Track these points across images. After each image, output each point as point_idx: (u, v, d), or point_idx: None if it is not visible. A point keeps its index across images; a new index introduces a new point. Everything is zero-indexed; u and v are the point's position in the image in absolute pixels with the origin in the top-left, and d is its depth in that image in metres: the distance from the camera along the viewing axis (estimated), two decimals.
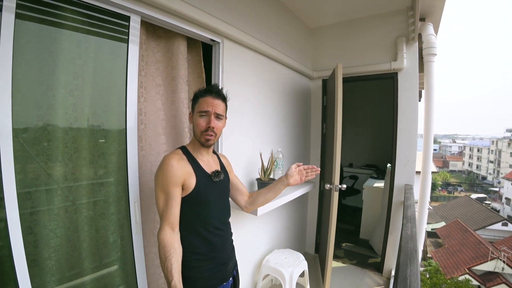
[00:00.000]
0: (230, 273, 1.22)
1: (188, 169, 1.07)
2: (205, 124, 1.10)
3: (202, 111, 1.10)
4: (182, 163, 1.06)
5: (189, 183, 1.05)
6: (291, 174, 1.30)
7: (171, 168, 1.02)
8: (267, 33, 2.13)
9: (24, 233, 0.98)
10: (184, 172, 1.05)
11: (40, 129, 1.02)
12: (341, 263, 2.93)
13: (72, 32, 1.08)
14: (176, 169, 1.02)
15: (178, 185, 1.03)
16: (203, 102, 1.11)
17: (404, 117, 2.47)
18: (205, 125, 1.10)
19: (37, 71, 1.00)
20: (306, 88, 2.91)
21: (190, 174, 1.06)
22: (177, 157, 1.06)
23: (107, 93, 1.22)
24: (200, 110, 1.10)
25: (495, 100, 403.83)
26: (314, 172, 1.34)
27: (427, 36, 2.33)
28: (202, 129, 1.10)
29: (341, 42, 2.78)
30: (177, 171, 1.02)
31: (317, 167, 1.33)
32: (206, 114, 1.10)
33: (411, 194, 2.18)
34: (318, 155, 2.98)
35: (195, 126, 1.12)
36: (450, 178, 38.87)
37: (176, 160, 1.04)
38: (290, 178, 1.30)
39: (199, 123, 1.10)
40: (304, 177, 1.32)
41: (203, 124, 1.10)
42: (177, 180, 1.02)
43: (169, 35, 1.49)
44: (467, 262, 11.33)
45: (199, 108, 1.11)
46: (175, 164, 1.03)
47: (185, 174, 1.05)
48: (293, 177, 1.30)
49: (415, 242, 1.21)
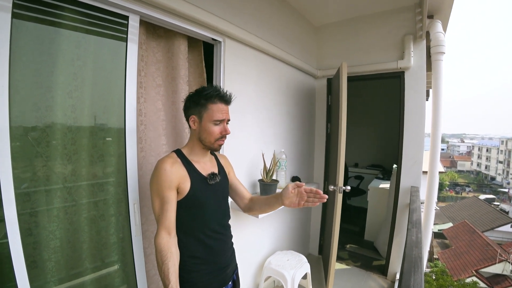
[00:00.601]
0: (230, 277, 1.20)
1: (182, 172, 1.05)
2: (220, 132, 1.09)
3: (217, 120, 1.08)
4: (176, 167, 1.04)
5: (184, 187, 1.04)
6: (286, 196, 1.07)
7: (164, 172, 1.00)
8: (270, 32, 2.09)
9: (23, 235, 0.98)
10: (178, 175, 1.03)
11: (38, 131, 1.01)
12: (345, 265, 2.89)
13: (71, 32, 1.07)
14: (170, 172, 1.01)
15: (173, 189, 1.01)
16: (217, 111, 1.07)
17: (411, 117, 2.41)
18: (220, 132, 1.10)
19: (35, 73, 0.99)
20: (311, 87, 2.86)
21: (184, 178, 1.05)
22: (171, 161, 1.04)
23: (106, 94, 1.21)
24: (216, 120, 1.07)
25: (505, 98, 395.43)
26: (318, 200, 1.03)
27: (435, 33, 2.27)
28: (217, 137, 1.09)
29: (346, 40, 2.73)
30: (170, 175, 1.01)
31: (323, 194, 1.02)
32: (220, 122, 1.09)
33: (417, 197, 2.13)
34: (323, 155, 2.94)
35: (207, 134, 1.08)
36: (458, 178, 38.26)
37: (169, 163, 1.03)
38: (285, 200, 1.08)
39: (214, 131, 1.08)
40: (304, 201, 1.05)
41: (217, 132, 1.09)
42: (171, 184, 1.01)
43: (169, 35, 1.47)
44: (475, 264, 11.14)
45: (212, 116, 1.07)
46: (168, 168, 1.01)
47: (179, 178, 1.03)
48: (289, 199, 1.07)
49: (420, 249, 1.17)
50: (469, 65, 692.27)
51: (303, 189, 1.05)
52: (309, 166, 2.95)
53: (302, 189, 1.05)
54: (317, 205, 1.14)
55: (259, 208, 1.25)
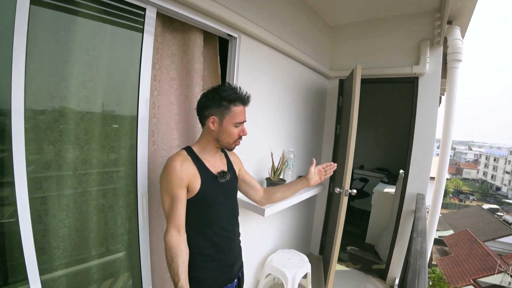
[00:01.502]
0: (236, 274, 1.21)
1: (192, 170, 1.05)
2: (239, 133, 1.12)
3: (239, 123, 1.09)
4: (186, 165, 1.04)
5: (194, 185, 1.04)
6: (311, 177, 1.30)
7: (174, 171, 1.00)
8: (285, 29, 2.07)
9: (34, 222, 0.99)
10: (189, 174, 1.03)
11: (52, 120, 1.02)
12: (345, 266, 2.90)
13: (87, 21, 1.06)
14: (180, 171, 1.01)
15: (183, 187, 1.02)
16: (239, 113, 1.09)
17: (422, 124, 2.37)
18: (239, 134, 1.12)
19: (51, 61, 0.99)
20: (322, 87, 2.84)
21: (194, 176, 1.05)
22: (181, 159, 1.04)
23: (120, 85, 1.21)
24: (237, 122, 1.09)
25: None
26: (332, 169, 1.34)
27: (453, 40, 2.22)
28: (236, 138, 1.12)
29: (361, 42, 2.68)
30: (180, 173, 1.00)
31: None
32: (241, 124, 1.11)
33: (423, 205, 2.11)
34: (330, 156, 2.92)
35: (227, 135, 1.09)
36: (462, 186, 37.84)
37: (179, 162, 1.02)
38: (311, 180, 1.30)
39: (234, 133, 1.10)
40: (324, 175, 1.33)
41: (237, 133, 1.11)
42: (181, 183, 1.01)
43: (185, 28, 1.46)
44: (473, 273, 11.08)
45: (235, 119, 1.08)
46: (178, 166, 1.01)
47: (190, 176, 1.03)
48: (314, 179, 1.31)
49: (425, 259, 1.17)
50: (484, 72, 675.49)
51: (321, 166, 1.34)
52: None
53: (320, 167, 1.34)
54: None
55: (282, 196, 1.35)
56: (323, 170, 1.33)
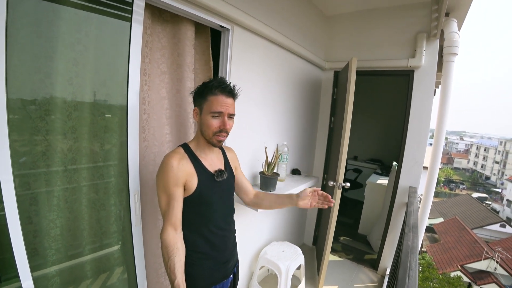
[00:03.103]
0: (231, 271, 1.22)
1: (189, 169, 1.03)
2: (218, 125, 1.04)
3: (215, 112, 1.02)
4: (183, 163, 1.02)
5: (191, 184, 1.02)
6: (303, 197, 1.18)
7: (171, 169, 0.98)
8: (280, 20, 2.01)
9: (23, 223, 0.97)
10: (185, 172, 1.01)
11: (37, 119, 0.98)
12: (338, 257, 2.96)
13: (70, 12, 1.00)
14: (177, 169, 0.99)
15: (180, 186, 1.00)
16: (216, 102, 1.02)
17: (416, 117, 2.38)
18: (218, 126, 1.04)
19: (34, 57, 0.94)
20: (317, 79, 2.80)
21: (191, 175, 1.03)
22: (178, 157, 1.02)
23: (108, 80, 1.17)
24: (213, 111, 1.02)
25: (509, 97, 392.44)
26: (326, 203, 1.17)
27: (449, 33, 2.19)
28: (215, 130, 1.04)
29: (357, 33, 2.63)
30: (177, 172, 0.99)
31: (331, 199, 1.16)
32: (219, 115, 1.04)
33: (415, 199, 2.14)
34: (324, 149, 2.93)
35: (206, 127, 1.04)
36: (453, 175, 38.71)
37: (176, 160, 1.00)
38: (301, 201, 1.18)
39: (212, 124, 1.03)
40: (315, 203, 1.19)
41: (216, 125, 1.03)
42: (178, 181, 0.99)
43: (176, 20, 1.40)
44: (461, 259, 11.50)
45: (210, 108, 1.02)
46: (175, 165, 0.99)
47: (186, 175, 1.01)
48: (304, 201, 1.18)
49: (416, 254, 1.18)
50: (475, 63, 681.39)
51: (317, 192, 1.18)
52: (309, 159, 2.94)
53: (317, 192, 1.18)
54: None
55: (268, 205, 1.30)
56: (317, 197, 1.18)
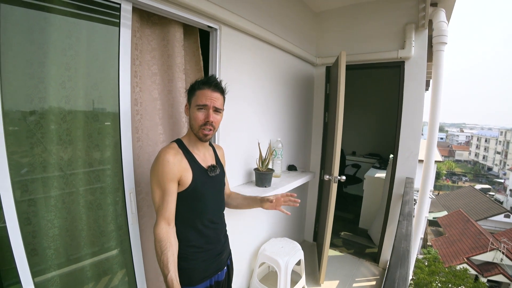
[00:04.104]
0: (225, 263, 1.25)
1: (184, 164, 1.05)
2: (203, 118, 1.06)
3: (200, 105, 1.05)
4: (178, 158, 1.04)
5: (186, 179, 1.05)
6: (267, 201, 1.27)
7: (167, 164, 1.00)
8: (268, 18, 2.05)
9: (22, 224, 0.99)
10: (180, 167, 1.03)
11: (32, 123, 1.01)
12: (339, 252, 2.97)
13: (61, 19, 1.04)
14: (172, 164, 1.01)
15: (174, 181, 1.02)
16: (201, 95, 1.06)
17: (409, 108, 2.40)
18: (203, 119, 1.06)
19: (26, 63, 0.98)
20: (309, 75, 2.83)
21: (186, 170, 1.05)
22: (173, 152, 1.04)
23: (100, 83, 1.20)
24: (198, 104, 1.05)
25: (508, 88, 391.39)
26: (293, 202, 1.25)
27: (438, 23, 2.21)
28: (200, 123, 1.06)
29: (346, 27, 2.67)
30: (173, 167, 1.01)
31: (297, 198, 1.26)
32: (204, 108, 1.06)
33: (411, 189, 2.16)
34: (320, 144, 2.95)
35: (192, 120, 1.08)
36: (455, 167, 38.62)
37: (172, 155, 1.02)
38: (265, 205, 1.27)
39: (197, 117, 1.06)
40: (280, 205, 1.27)
41: (201, 118, 1.06)
42: (173, 176, 1.01)
43: (164, 22, 1.43)
44: (466, 251, 11.44)
45: (196, 101, 1.06)
46: (171, 160, 1.01)
47: (181, 170, 1.03)
48: (266, 205, 1.27)
49: (409, 242, 1.20)
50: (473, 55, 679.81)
51: (282, 197, 1.27)
52: (305, 155, 2.96)
53: (282, 197, 1.27)
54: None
55: (236, 205, 1.37)
56: (282, 200, 1.26)
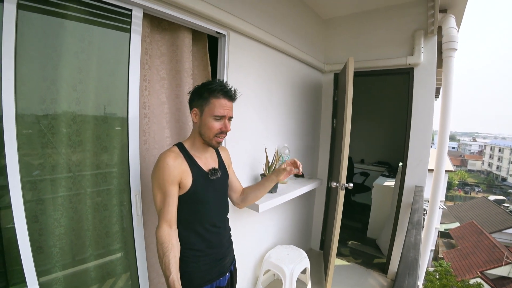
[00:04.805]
0: (228, 268, 1.23)
1: (184, 167, 1.06)
2: (219, 127, 1.07)
3: (218, 116, 1.06)
4: (179, 161, 1.05)
5: (186, 182, 1.05)
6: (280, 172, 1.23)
7: (167, 167, 1.01)
8: (276, 25, 2.06)
9: (29, 221, 1.01)
10: (180, 170, 1.04)
11: (44, 123, 1.04)
12: (346, 261, 2.90)
13: (74, 24, 1.08)
14: (173, 167, 1.01)
15: (175, 184, 1.03)
16: (219, 106, 1.05)
17: (418, 115, 2.36)
18: (219, 128, 1.07)
19: (40, 66, 1.01)
20: (317, 82, 2.83)
21: (186, 173, 1.06)
22: (173, 155, 1.05)
23: (110, 86, 1.23)
24: (216, 115, 1.05)
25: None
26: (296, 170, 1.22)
27: (447, 29, 2.19)
28: (216, 132, 1.07)
29: (355, 34, 2.67)
30: (173, 170, 1.01)
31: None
32: (221, 118, 1.07)
33: (420, 197, 2.10)
34: (327, 151, 2.92)
35: (207, 128, 1.07)
36: (467, 177, 37.54)
37: (172, 158, 1.03)
38: (280, 176, 1.23)
39: (213, 126, 1.06)
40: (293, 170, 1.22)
41: (217, 127, 1.07)
42: (174, 179, 1.02)
43: (173, 28, 1.47)
44: (480, 265, 11.00)
45: (213, 111, 1.05)
46: (171, 163, 1.02)
47: (181, 173, 1.04)
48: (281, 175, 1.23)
49: (418, 250, 1.16)
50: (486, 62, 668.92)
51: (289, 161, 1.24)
52: (313, 162, 2.93)
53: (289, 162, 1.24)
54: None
55: (254, 195, 1.31)
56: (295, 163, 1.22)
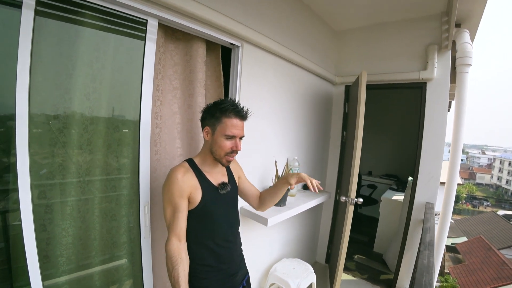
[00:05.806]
0: (240, 283, 1.21)
1: (193, 182, 1.06)
2: (231, 146, 1.08)
3: (229, 135, 1.06)
4: (188, 176, 1.05)
5: (195, 197, 1.05)
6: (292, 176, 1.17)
7: (176, 181, 1.02)
8: (289, 36, 2.06)
9: (37, 230, 1.00)
10: (190, 185, 1.04)
11: (56, 131, 1.04)
12: (352, 276, 2.83)
13: (89, 32, 1.08)
14: (182, 182, 1.02)
15: (184, 198, 1.03)
16: (231, 125, 1.06)
17: (430, 130, 2.31)
18: (230, 147, 1.08)
19: (55, 74, 1.02)
20: (328, 94, 2.81)
21: (195, 188, 1.06)
22: (183, 170, 1.06)
23: (123, 96, 1.23)
24: (228, 134, 1.06)
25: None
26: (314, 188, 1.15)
27: (462, 44, 2.17)
28: (227, 151, 1.08)
29: (367, 47, 2.65)
30: (182, 184, 1.02)
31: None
32: (232, 137, 1.07)
33: (432, 215, 2.04)
34: (336, 164, 2.88)
35: (218, 147, 1.08)
36: (476, 191, 36.77)
37: (181, 173, 1.04)
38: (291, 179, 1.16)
39: (225, 146, 1.07)
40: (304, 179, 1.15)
41: (229, 146, 1.08)
42: (183, 193, 1.02)
43: (187, 38, 1.47)
44: (488, 282, 10.66)
45: (225, 130, 1.06)
46: (180, 177, 1.02)
47: (191, 188, 1.04)
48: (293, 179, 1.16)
49: (431, 274, 1.12)
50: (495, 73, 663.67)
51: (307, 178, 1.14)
52: (321, 174, 2.90)
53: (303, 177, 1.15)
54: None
55: (271, 199, 1.27)
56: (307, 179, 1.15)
